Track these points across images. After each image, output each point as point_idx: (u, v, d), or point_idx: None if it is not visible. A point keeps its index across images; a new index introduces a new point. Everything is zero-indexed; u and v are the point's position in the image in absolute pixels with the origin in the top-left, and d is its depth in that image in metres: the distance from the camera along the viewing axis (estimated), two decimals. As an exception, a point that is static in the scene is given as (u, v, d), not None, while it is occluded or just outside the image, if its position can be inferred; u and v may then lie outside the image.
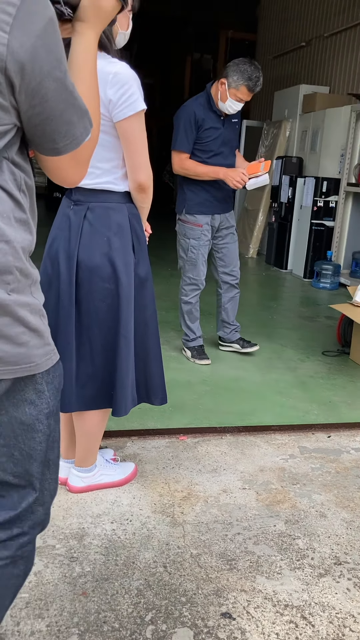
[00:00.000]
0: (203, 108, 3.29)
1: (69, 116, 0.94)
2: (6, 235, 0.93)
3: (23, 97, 0.88)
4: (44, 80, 0.88)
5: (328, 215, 6.57)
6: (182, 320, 3.73)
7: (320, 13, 8.16)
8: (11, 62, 0.83)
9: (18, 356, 0.99)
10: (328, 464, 2.52)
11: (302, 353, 4.00)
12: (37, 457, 1.09)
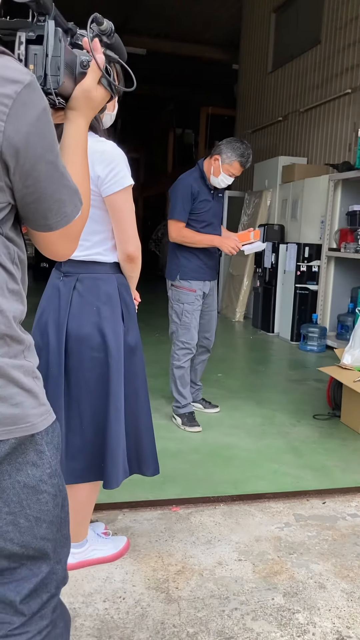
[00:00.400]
0: (197, 182, 3.51)
1: (60, 195, 0.99)
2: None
3: (17, 178, 0.94)
4: (36, 163, 0.94)
5: (311, 280, 6.70)
6: (174, 386, 3.73)
7: (296, 89, 8.62)
8: (7, 147, 0.90)
9: (14, 417, 1.00)
10: (324, 531, 2.46)
11: (293, 417, 3.99)
12: (45, 518, 1.07)
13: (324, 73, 7.76)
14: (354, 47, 7.05)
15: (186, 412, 3.71)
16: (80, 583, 2.01)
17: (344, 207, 6.38)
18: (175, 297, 3.65)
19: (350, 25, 7.13)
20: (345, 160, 6.74)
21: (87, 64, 1.08)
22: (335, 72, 7.48)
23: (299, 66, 8.54)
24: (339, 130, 7.36)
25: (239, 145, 3.46)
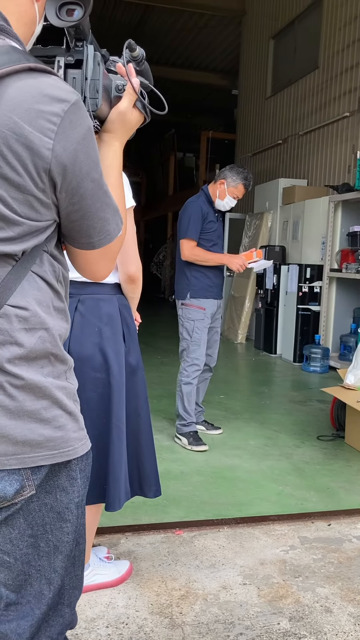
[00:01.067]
0: (205, 205, 3.71)
1: (104, 213, 1.01)
2: (46, 324, 0.98)
3: (63, 196, 0.95)
4: (82, 181, 0.95)
5: (313, 300, 6.71)
6: (180, 404, 3.74)
7: (295, 113, 8.74)
8: (55, 165, 0.91)
9: (56, 440, 0.98)
10: (330, 554, 2.42)
11: (297, 438, 3.96)
12: (63, 549, 1.04)
13: (323, 97, 7.87)
14: (351, 71, 7.16)
15: (191, 431, 3.71)
16: (83, 609, 1.98)
17: (344, 228, 6.42)
18: (186, 315, 3.74)
19: (347, 51, 7.25)
20: (345, 181, 6.80)
21: (122, 87, 1.11)
22: (333, 96, 7.58)
23: (297, 91, 8.66)
24: (338, 152, 7.44)
25: (242, 170, 3.71)
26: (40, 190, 0.92)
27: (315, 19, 8.18)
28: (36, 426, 0.96)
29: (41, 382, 0.97)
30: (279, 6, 9.34)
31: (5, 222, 0.91)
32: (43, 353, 0.98)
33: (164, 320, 10.63)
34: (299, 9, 8.65)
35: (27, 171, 0.89)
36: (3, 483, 0.94)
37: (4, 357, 0.94)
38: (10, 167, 0.88)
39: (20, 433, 0.95)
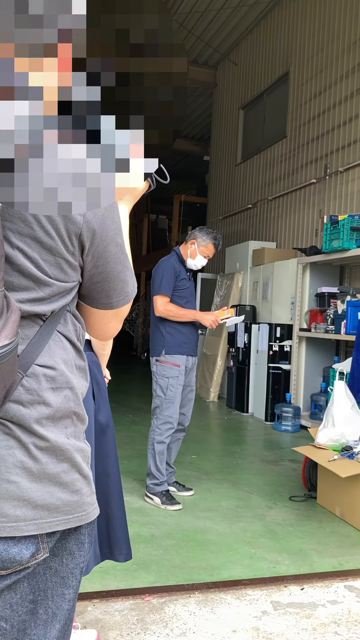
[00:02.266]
0: (177, 263, 3.81)
1: (125, 276, 1.06)
2: (71, 382, 1.00)
3: (89, 259, 0.99)
4: (108, 245, 0.99)
5: (284, 359, 6.78)
6: (152, 462, 3.69)
7: (264, 179, 9.08)
8: (85, 229, 0.95)
9: (72, 505, 0.97)
10: (304, 620, 2.36)
11: (269, 499, 3.91)
12: (61, 618, 1.00)
13: (291, 164, 8.22)
14: (317, 141, 7.52)
15: (163, 491, 3.66)
16: None
17: (312, 288, 6.58)
18: (161, 372, 3.73)
19: (312, 122, 7.64)
20: (313, 244, 7.02)
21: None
22: (300, 163, 7.93)
23: (266, 158, 9.04)
24: (306, 216, 7.71)
25: (211, 231, 3.86)
26: (70, 253, 0.95)
27: (282, 93, 8.64)
28: (55, 490, 0.95)
29: (64, 445, 0.97)
30: (248, 80, 9.86)
31: (37, 283, 0.94)
32: (67, 412, 0.99)
33: (136, 378, 10.56)
34: (267, 82, 9.15)
35: (60, 235, 0.92)
36: (19, 547, 0.92)
37: (32, 417, 0.94)
38: (43, 231, 0.91)
39: (40, 497, 0.93)
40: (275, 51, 8.83)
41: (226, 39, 10.18)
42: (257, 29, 9.52)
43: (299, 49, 8.08)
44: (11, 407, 0.93)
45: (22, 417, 0.93)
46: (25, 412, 0.94)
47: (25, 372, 0.94)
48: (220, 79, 11.23)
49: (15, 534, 0.91)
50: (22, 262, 0.91)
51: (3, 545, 0.91)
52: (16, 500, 0.91)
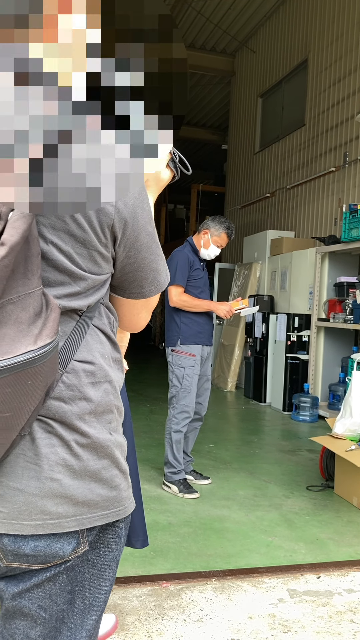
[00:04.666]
0: (191, 254, 3.82)
1: (157, 265, 1.05)
2: (109, 376, 1.00)
3: (121, 249, 0.97)
4: (139, 234, 0.98)
5: (302, 349, 6.76)
6: (169, 451, 3.73)
7: (282, 168, 9.01)
8: (117, 220, 0.94)
9: (111, 500, 0.97)
10: (320, 607, 2.38)
11: (286, 489, 3.92)
12: (98, 609, 1.01)
13: (309, 153, 8.15)
14: (336, 129, 7.44)
15: (181, 479, 3.69)
16: (66, 665, 1.92)
17: (331, 278, 6.54)
18: (176, 361, 3.76)
19: (332, 110, 7.56)
20: (332, 234, 6.97)
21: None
22: (319, 152, 7.85)
23: (285, 146, 8.96)
24: (325, 205, 7.65)
25: (224, 220, 3.85)
26: (102, 245, 0.94)
27: (301, 80, 8.55)
28: (95, 486, 0.96)
29: (105, 441, 0.97)
30: (267, 68, 9.77)
31: (72, 278, 0.93)
32: (108, 406, 0.99)
33: (153, 368, 10.61)
34: (285, 70, 9.05)
35: (92, 227, 0.91)
36: (62, 542, 0.94)
37: (74, 414, 0.94)
38: (76, 224, 0.90)
39: (81, 493, 0.94)
40: (294, 38, 8.73)
41: (244, 27, 10.08)
42: (276, 16, 9.41)
43: (318, 36, 7.98)
44: (53, 405, 0.93)
45: (64, 414, 0.93)
46: (67, 408, 0.93)
47: (65, 368, 0.93)
48: (238, 67, 11.13)
49: (57, 530, 0.92)
50: (57, 257, 0.90)
51: (46, 541, 0.92)
52: (58, 498, 0.92)
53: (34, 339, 0.81)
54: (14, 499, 0.91)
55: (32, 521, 0.91)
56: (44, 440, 0.92)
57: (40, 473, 0.91)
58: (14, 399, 0.81)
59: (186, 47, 9.97)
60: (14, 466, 0.91)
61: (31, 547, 0.92)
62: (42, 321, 0.84)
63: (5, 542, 0.92)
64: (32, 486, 0.91)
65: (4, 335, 0.80)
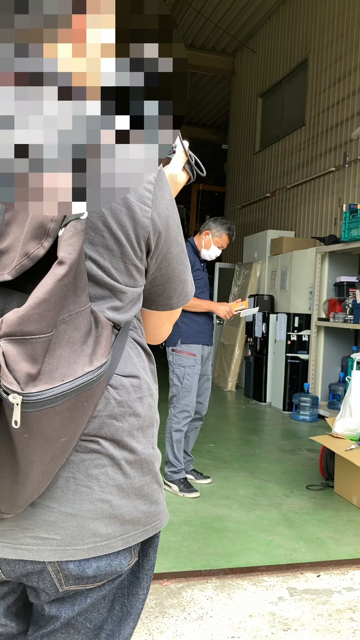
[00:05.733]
0: (192, 254, 3.83)
1: (184, 275, 1.03)
2: (151, 389, 0.98)
3: (153, 261, 0.95)
4: (171, 246, 0.96)
5: (302, 349, 6.77)
6: (170, 451, 3.75)
7: (283, 168, 9.02)
8: (152, 232, 0.91)
9: (151, 514, 0.96)
10: (319, 606, 2.40)
11: (286, 488, 3.94)
12: (134, 617, 1.00)
13: (309, 152, 8.16)
14: (336, 129, 7.45)
15: (181, 478, 3.72)
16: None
17: (331, 278, 6.55)
18: (177, 361, 3.78)
19: (332, 110, 7.57)
20: (332, 233, 6.98)
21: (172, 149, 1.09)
22: (319, 151, 7.86)
23: (285, 146, 8.97)
24: (325, 205, 7.66)
25: (225, 221, 3.87)
26: (138, 259, 0.91)
27: (301, 80, 8.56)
28: (139, 502, 0.94)
29: (149, 456, 0.95)
30: (267, 67, 9.78)
31: (113, 292, 0.90)
32: (152, 420, 0.97)
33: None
34: (285, 70, 9.06)
35: (129, 241, 0.88)
36: (120, 559, 0.93)
37: (124, 430, 0.91)
38: (114, 238, 0.87)
39: (128, 512, 0.92)
40: (294, 38, 8.74)
41: (244, 26, 10.09)
42: (276, 16, 9.42)
43: (318, 36, 7.98)
44: (105, 423, 0.90)
45: (115, 432, 0.91)
46: (118, 425, 0.91)
47: (112, 383, 0.91)
48: (238, 67, 11.14)
49: (107, 551, 0.90)
50: (96, 272, 0.87)
51: (107, 560, 0.91)
52: (108, 519, 0.90)
53: (89, 359, 0.78)
54: (66, 525, 0.88)
55: (85, 545, 0.89)
56: (94, 461, 0.89)
57: (92, 495, 0.89)
58: (71, 423, 0.78)
59: (186, 47, 10.00)
60: (65, 490, 0.88)
61: (94, 568, 0.90)
62: (93, 339, 0.81)
63: (70, 568, 0.89)
64: (84, 509, 0.88)
65: (60, 357, 0.76)
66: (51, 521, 0.87)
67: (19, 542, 0.87)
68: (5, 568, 0.90)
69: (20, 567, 0.89)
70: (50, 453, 0.79)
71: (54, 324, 0.75)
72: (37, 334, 0.73)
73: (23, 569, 0.89)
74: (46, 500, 0.87)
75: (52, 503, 0.88)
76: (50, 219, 0.78)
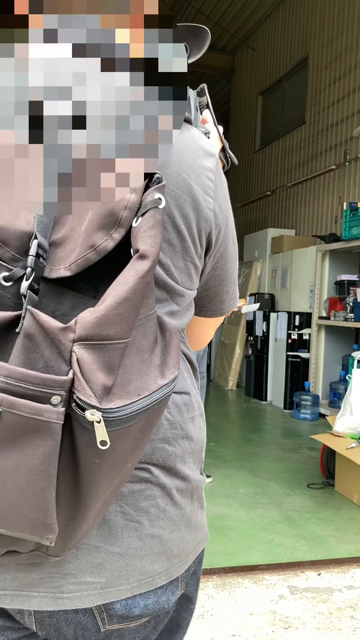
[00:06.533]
0: None
1: (235, 276, 0.92)
2: (201, 407, 0.87)
3: (210, 260, 0.84)
4: (228, 244, 0.86)
5: (303, 347, 6.77)
6: None
7: (283, 166, 9.02)
8: (214, 226, 0.81)
9: (194, 542, 0.87)
10: (320, 604, 2.40)
11: (287, 487, 3.94)
12: (185, 630, 0.92)
13: (310, 151, 8.15)
14: (336, 127, 7.44)
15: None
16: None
17: (332, 276, 6.54)
18: None
19: (332, 108, 7.56)
20: (332, 232, 6.98)
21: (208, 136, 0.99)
22: (320, 149, 7.85)
23: (285, 144, 8.96)
24: (325, 203, 7.65)
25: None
26: (198, 256, 0.80)
27: (301, 78, 8.55)
28: (187, 533, 0.84)
29: (199, 483, 0.86)
30: (267, 66, 9.77)
31: (170, 294, 0.78)
32: (202, 443, 0.87)
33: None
34: (285, 68, 9.05)
35: (191, 235, 0.78)
36: (167, 594, 0.82)
37: (177, 456, 0.80)
38: (176, 232, 0.77)
39: (177, 546, 0.82)
40: (294, 36, 8.73)
41: (244, 25, 10.07)
42: (276, 14, 9.41)
43: (318, 34, 7.97)
44: (157, 447, 0.78)
45: (167, 457, 0.79)
46: (171, 450, 0.80)
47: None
48: (238, 65, 11.13)
49: (150, 588, 0.80)
50: (157, 270, 0.76)
51: (154, 597, 0.80)
52: (156, 555, 0.79)
53: (160, 371, 0.68)
54: (113, 566, 0.76)
55: (129, 584, 0.78)
56: (144, 492, 0.78)
57: (142, 531, 0.78)
58: (139, 446, 0.67)
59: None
60: (112, 527, 0.76)
61: (142, 607, 0.80)
62: (161, 348, 0.71)
63: (117, 608, 0.78)
64: (132, 547, 0.77)
65: (130, 368, 0.65)
66: (97, 563, 0.76)
67: (59, 590, 0.75)
68: (39, 616, 0.77)
69: (59, 613, 0.77)
70: (115, 482, 0.67)
71: (132, 329, 0.64)
72: (116, 339, 0.61)
73: (62, 615, 0.77)
74: (92, 540, 0.76)
75: (99, 542, 0.76)
76: (123, 206, 0.66)
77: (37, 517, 0.61)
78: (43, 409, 0.58)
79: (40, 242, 0.65)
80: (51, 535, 0.63)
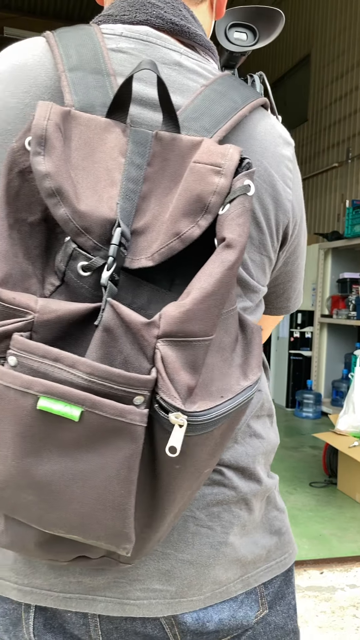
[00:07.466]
0: None
1: (302, 274, 0.88)
2: (272, 408, 0.84)
3: (283, 254, 0.79)
4: (301, 237, 0.82)
5: (305, 346, 6.76)
6: None
7: (285, 165, 8.99)
8: (292, 218, 0.76)
9: (273, 548, 0.81)
10: (322, 603, 2.39)
11: (289, 485, 3.93)
12: None
13: (312, 148, 8.13)
14: (339, 124, 7.42)
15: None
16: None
17: (334, 274, 6.53)
18: None
19: (335, 105, 7.54)
20: (334, 229, 6.96)
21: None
22: (322, 147, 7.83)
23: (287, 142, 8.94)
24: (328, 201, 7.63)
25: None
26: (273, 250, 0.76)
27: (303, 76, 8.52)
28: (259, 536, 0.80)
29: (271, 485, 0.81)
30: (269, 63, 9.74)
31: (245, 290, 0.74)
32: (274, 445, 0.83)
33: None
34: (288, 65, 9.03)
35: (269, 227, 0.74)
36: (244, 609, 0.76)
37: (248, 455, 0.77)
38: (255, 224, 0.72)
39: (250, 551, 0.78)
40: (296, 33, 8.70)
41: (247, 22, 10.04)
42: (278, 11, 9.37)
43: (321, 31, 7.95)
44: (228, 448, 0.75)
45: (239, 457, 0.76)
46: (241, 450, 0.76)
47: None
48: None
49: (224, 597, 0.75)
50: None
51: (229, 611, 0.75)
52: (229, 563, 0.75)
53: (242, 371, 0.64)
54: (183, 574, 0.72)
55: (202, 595, 0.73)
56: (217, 496, 0.74)
57: (214, 538, 0.74)
58: (218, 451, 0.64)
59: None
60: (182, 533, 0.72)
61: (216, 622, 0.74)
62: (241, 347, 0.66)
63: (188, 622, 0.73)
64: (204, 555, 0.73)
65: (212, 367, 0.61)
66: (166, 570, 0.72)
67: (126, 596, 0.71)
68: (105, 627, 0.72)
69: (126, 624, 0.73)
70: (193, 488, 0.63)
71: (217, 325, 0.59)
72: (201, 335, 0.57)
73: (130, 626, 0.73)
74: (160, 546, 0.72)
75: (168, 548, 0.72)
76: (212, 191, 0.60)
77: (115, 525, 0.56)
78: (127, 410, 0.54)
79: (124, 231, 0.60)
80: (128, 545, 0.58)
